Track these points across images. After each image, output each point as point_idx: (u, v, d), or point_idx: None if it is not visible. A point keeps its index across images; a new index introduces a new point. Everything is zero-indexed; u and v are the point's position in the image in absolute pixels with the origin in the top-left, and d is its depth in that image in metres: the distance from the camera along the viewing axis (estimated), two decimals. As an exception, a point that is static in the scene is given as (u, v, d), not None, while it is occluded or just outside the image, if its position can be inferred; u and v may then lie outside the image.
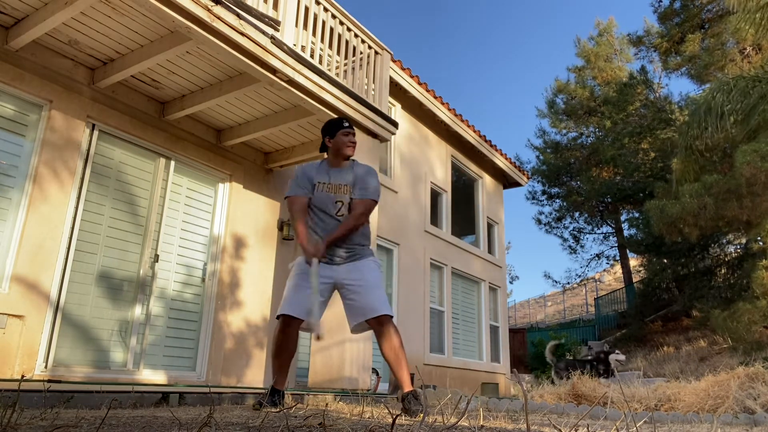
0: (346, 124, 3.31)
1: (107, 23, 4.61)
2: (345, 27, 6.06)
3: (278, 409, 2.78)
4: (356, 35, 6.21)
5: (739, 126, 8.70)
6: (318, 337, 3.05)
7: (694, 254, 18.06)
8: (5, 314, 4.40)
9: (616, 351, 10.90)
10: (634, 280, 22.86)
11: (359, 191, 3.20)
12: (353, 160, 3.35)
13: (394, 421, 1.52)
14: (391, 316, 3.10)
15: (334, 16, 5.90)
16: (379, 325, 3.05)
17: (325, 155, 3.37)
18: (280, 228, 7.05)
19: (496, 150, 11.90)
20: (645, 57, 22.27)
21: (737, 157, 9.20)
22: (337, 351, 5.73)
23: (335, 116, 5.78)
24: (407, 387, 3.01)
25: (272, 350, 3.11)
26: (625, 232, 22.46)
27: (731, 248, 18.57)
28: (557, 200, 23.92)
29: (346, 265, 3.16)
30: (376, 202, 3.26)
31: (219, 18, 4.47)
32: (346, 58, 6.23)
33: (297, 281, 3.12)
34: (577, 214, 23.88)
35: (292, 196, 3.21)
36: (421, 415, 2.83)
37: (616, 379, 9.68)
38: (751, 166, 8.85)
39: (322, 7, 5.72)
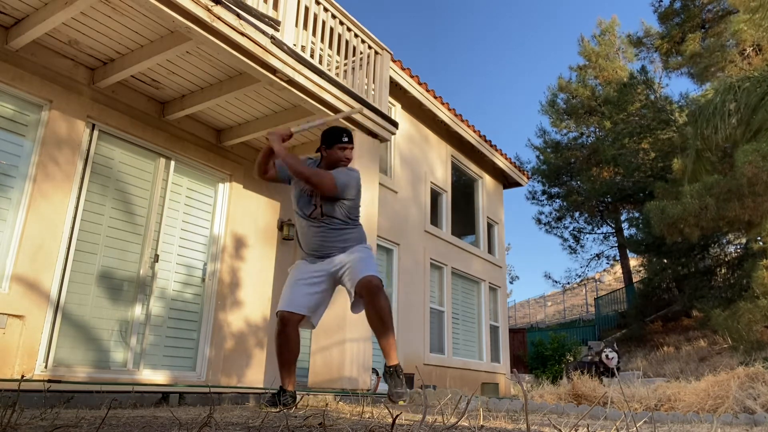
0: (345, 139, 3.22)
1: (107, 23, 4.61)
2: (345, 27, 6.06)
3: (278, 409, 2.78)
4: (356, 35, 6.21)
5: (741, 126, 8.70)
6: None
7: (694, 254, 18.04)
8: (5, 314, 4.41)
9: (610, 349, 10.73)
10: (634, 280, 22.85)
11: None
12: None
13: (394, 421, 1.52)
14: (377, 279, 2.94)
15: (334, 16, 5.90)
16: (364, 289, 2.93)
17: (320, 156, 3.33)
18: (280, 228, 7.05)
19: (496, 150, 11.90)
20: (646, 57, 22.30)
21: (738, 157, 9.19)
22: (337, 351, 5.73)
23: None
24: (391, 361, 2.95)
25: (275, 350, 3.13)
26: (625, 232, 22.47)
27: (731, 248, 18.56)
28: (557, 200, 23.93)
29: (334, 257, 3.14)
30: (331, 182, 3.05)
31: (219, 18, 4.47)
32: (346, 58, 6.23)
33: (292, 278, 3.17)
34: (577, 214, 23.89)
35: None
36: (404, 400, 2.90)
37: (617, 379, 9.68)
38: (752, 166, 8.83)
39: (322, 7, 5.71)
